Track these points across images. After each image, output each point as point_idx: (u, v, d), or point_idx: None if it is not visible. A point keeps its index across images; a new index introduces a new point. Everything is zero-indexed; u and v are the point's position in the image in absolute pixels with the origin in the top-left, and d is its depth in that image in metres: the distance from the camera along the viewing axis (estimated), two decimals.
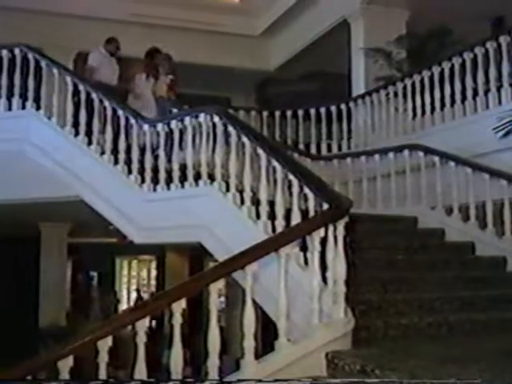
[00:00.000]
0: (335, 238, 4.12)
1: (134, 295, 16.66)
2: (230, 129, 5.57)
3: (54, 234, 10.99)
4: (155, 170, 6.40)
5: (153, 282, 16.50)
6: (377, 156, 7.42)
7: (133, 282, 17.18)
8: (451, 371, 3.45)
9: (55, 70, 7.33)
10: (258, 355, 3.91)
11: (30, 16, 10.35)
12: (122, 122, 6.75)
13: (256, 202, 5.23)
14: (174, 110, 7.77)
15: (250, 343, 3.86)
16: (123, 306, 15.60)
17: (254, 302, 3.95)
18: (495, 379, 3.31)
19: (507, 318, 5.00)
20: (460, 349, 4.32)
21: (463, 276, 5.67)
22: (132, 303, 15.64)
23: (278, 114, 9.72)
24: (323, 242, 4.10)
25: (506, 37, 6.91)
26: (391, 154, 7.26)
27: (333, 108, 9.19)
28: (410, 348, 4.29)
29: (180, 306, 3.69)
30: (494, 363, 3.69)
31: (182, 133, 6.29)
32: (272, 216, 4.99)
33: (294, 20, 11.22)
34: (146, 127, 6.58)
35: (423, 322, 4.72)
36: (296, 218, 4.69)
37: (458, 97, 7.47)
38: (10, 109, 7.65)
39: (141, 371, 3.64)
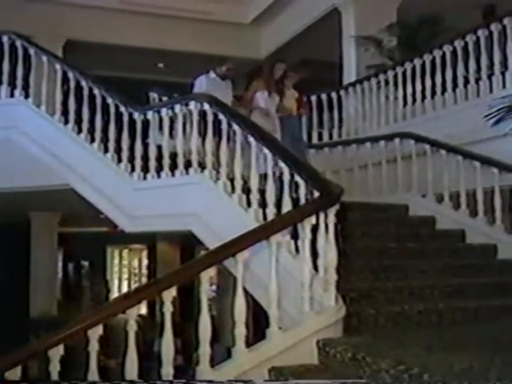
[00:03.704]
0: (326, 225, 4.11)
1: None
2: (221, 116, 5.54)
3: (45, 224, 10.94)
4: (145, 159, 6.36)
5: (144, 272, 16.49)
6: (368, 144, 7.43)
7: (124, 271, 17.16)
8: (441, 358, 3.45)
9: (44, 58, 7.27)
10: (250, 343, 3.91)
11: (18, 3, 10.25)
12: (112, 109, 6.70)
13: (247, 190, 5.21)
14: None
15: (241, 331, 3.85)
16: (114, 295, 15.56)
17: (245, 290, 3.94)
18: (485, 367, 3.32)
19: (497, 305, 5.02)
20: (450, 336, 4.34)
21: (454, 264, 5.69)
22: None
23: None
24: (314, 229, 4.09)
25: (498, 24, 6.89)
26: (382, 142, 7.27)
27: (324, 96, 9.16)
28: (400, 335, 4.31)
29: (171, 294, 3.67)
30: (483, 351, 3.70)
31: (172, 121, 6.26)
32: (263, 204, 4.98)
33: (285, 8, 11.17)
34: (136, 115, 6.53)
35: (414, 309, 4.72)
36: (287, 206, 4.68)
37: (449, 85, 7.46)
38: None
39: (132, 360, 3.63)
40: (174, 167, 6.06)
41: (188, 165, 5.90)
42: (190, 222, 5.72)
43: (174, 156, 6.09)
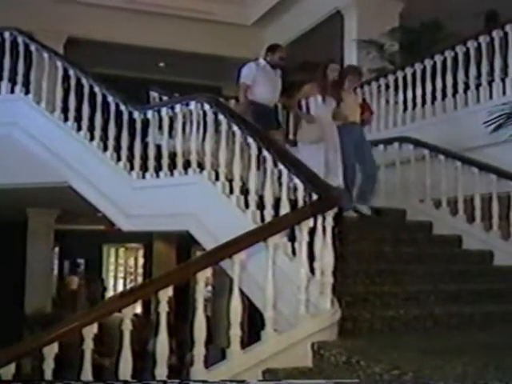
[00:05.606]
0: (324, 228, 4.11)
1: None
2: (221, 117, 5.54)
3: (42, 220, 10.92)
4: (144, 158, 6.36)
5: (140, 270, 16.47)
6: None
7: (120, 269, 17.14)
8: (435, 364, 3.45)
9: (45, 55, 7.26)
10: (244, 345, 3.90)
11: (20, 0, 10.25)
12: (112, 108, 6.70)
13: (245, 192, 5.21)
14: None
15: (236, 332, 3.85)
16: (110, 294, 15.54)
17: (241, 291, 3.94)
18: (479, 372, 3.33)
19: (493, 311, 5.03)
20: (445, 342, 4.34)
21: (450, 269, 5.69)
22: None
23: None
24: (311, 232, 4.09)
25: (499, 31, 6.91)
26: (381, 147, 7.26)
27: None
28: (395, 340, 4.31)
29: (166, 294, 3.68)
30: (478, 357, 3.70)
31: (172, 120, 6.27)
32: (261, 205, 4.98)
33: (288, 10, 11.18)
34: (135, 114, 6.53)
35: (409, 314, 4.72)
36: (285, 208, 4.68)
37: (449, 90, 7.48)
38: None
39: (126, 359, 3.63)
40: (173, 167, 6.06)
41: (187, 165, 5.90)
42: (187, 222, 5.71)
43: (173, 156, 6.09)
